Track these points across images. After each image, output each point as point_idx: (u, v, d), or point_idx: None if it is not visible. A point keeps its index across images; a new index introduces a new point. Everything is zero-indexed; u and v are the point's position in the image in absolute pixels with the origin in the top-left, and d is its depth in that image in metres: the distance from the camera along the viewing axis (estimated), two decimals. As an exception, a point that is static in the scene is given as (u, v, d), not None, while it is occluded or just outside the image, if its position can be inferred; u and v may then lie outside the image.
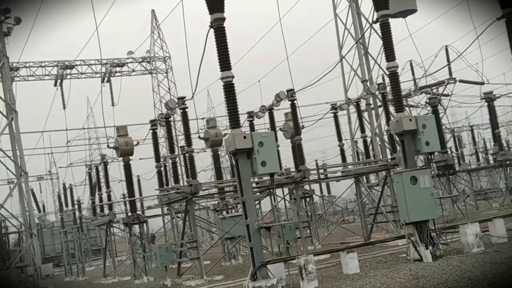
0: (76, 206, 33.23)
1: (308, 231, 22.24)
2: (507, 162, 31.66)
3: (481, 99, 31.47)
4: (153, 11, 47.74)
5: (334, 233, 28.66)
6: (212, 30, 13.03)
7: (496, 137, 31.20)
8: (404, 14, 28.39)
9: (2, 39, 21.46)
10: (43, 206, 54.46)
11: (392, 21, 14.71)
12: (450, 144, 37.56)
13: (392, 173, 20.15)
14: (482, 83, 31.12)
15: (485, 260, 11.68)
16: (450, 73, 31.73)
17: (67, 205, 35.86)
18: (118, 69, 42.40)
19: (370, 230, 21.90)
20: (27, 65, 38.94)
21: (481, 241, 13.66)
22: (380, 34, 15.00)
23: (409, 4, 28.29)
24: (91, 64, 41.08)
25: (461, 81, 32.08)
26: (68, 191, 35.23)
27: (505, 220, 15.11)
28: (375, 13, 14.86)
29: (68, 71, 40.60)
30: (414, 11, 28.71)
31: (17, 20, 21.84)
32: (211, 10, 12.89)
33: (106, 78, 42.35)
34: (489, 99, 30.73)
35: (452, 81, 31.34)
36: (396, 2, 26.24)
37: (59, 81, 41.15)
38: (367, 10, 27.55)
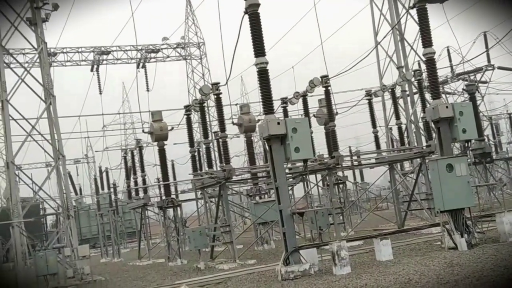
0: (111, 189, 33.80)
1: (341, 217, 22.17)
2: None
3: (520, 86, 30.75)
4: (188, -4, 47.81)
5: (367, 220, 28.49)
6: (246, 16, 13.02)
7: (535, 125, 30.49)
8: (441, -1, 27.79)
9: (40, 25, 21.79)
10: (80, 189, 55.52)
11: (429, 7, 14.44)
12: (488, 132, 36.85)
13: (427, 161, 19.90)
14: (521, 70, 30.39)
15: (522, 250, 11.50)
16: (489, 60, 31.05)
17: (103, 188, 36.53)
18: (153, 55, 42.73)
19: (404, 218, 21.71)
20: (64, 50, 39.55)
21: (518, 230, 13.43)
22: (416, 20, 14.77)
23: (447, -11, 27.68)
24: (126, 50, 41.48)
25: (499, 68, 31.37)
26: (104, 175, 35.86)
27: (543, 210, 14.79)
28: (412, -2, 14.61)
29: (104, 56, 41.07)
30: (452, -4, 28.07)
31: (54, 6, 22.13)
32: (246, -5, 12.87)
33: (141, 64, 42.73)
34: (529, 86, 30.00)
35: (490, 68, 30.68)
36: (434, -14, 25.72)
37: (95, 66, 41.70)
38: (404, -5, 27.08)
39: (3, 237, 25.99)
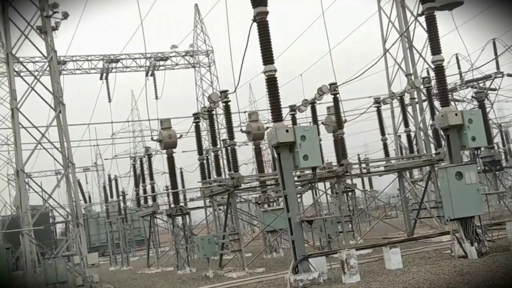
0: (120, 197, 33.86)
1: (350, 225, 22.10)
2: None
3: (530, 93, 30.59)
4: (196, 5, 48.10)
5: (376, 228, 28.35)
6: (255, 24, 13.04)
7: (545, 133, 30.28)
8: (450, 6, 27.77)
9: (50, 34, 21.94)
10: (89, 197, 55.64)
11: (437, 14, 14.41)
12: (497, 139, 36.62)
13: (436, 168, 19.81)
14: (531, 77, 30.25)
15: (533, 258, 11.39)
16: (498, 67, 30.89)
17: (112, 196, 36.61)
18: (162, 62, 42.91)
19: (414, 226, 21.60)
20: (74, 58, 39.77)
21: (529, 238, 13.33)
22: (425, 27, 14.74)
23: (456, -4, 27.67)
24: (135, 58, 41.67)
25: (509, 75, 31.21)
26: (113, 183, 35.93)
27: (554, 218, 14.69)
28: (421, 6, 14.58)
29: (114, 64, 41.27)
30: (460, 3, 28.07)
31: (64, 15, 22.28)
32: (254, 4, 12.89)
33: (150, 72, 42.91)
34: (538, 93, 29.83)
35: (499, 75, 30.53)
36: (442, -6, 25.72)
37: (104, 74, 41.90)
38: (412, 2, 27.11)
39: (13, 245, 26.08)
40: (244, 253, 18.48)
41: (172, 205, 22.71)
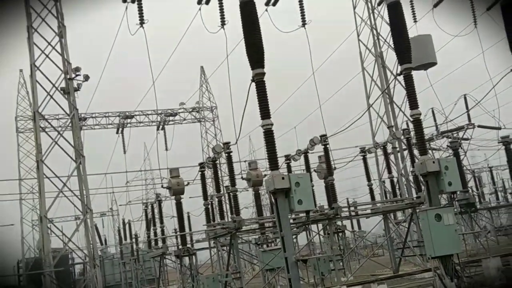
0: (133, 240, 33.46)
1: (341, 263, 21.76)
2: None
3: (498, 142, 30.70)
4: (202, 67, 48.85)
5: (365, 266, 27.90)
6: (254, 84, 13.18)
7: (514, 177, 30.22)
8: (425, 66, 28.26)
9: (72, 94, 22.19)
10: (105, 240, 55.04)
11: (414, 73, 14.60)
12: (471, 184, 36.54)
13: (417, 211, 19.69)
14: (499, 128, 30.39)
15: (508, 292, 11.18)
16: (469, 119, 31.13)
17: (126, 239, 36.20)
18: (171, 118, 43.22)
19: (399, 263, 21.28)
20: (93, 115, 40.07)
21: (503, 274, 13.12)
22: (404, 85, 14.92)
23: (430, 58, 28.20)
24: (148, 114, 41.98)
25: (479, 126, 31.42)
26: (127, 226, 35.60)
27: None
28: (399, 66, 14.80)
29: (128, 120, 41.55)
30: (434, 64, 28.56)
31: (85, 77, 22.61)
32: (253, 66, 13.06)
33: (161, 126, 43.16)
34: (506, 142, 29.93)
35: (471, 127, 30.73)
36: (418, 56, 26.17)
37: (120, 129, 42.12)
38: (391, 63, 27.57)
39: (36, 285, 25.60)
40: (245, 290, 18.16)
41: (180, 247, 22.43)
